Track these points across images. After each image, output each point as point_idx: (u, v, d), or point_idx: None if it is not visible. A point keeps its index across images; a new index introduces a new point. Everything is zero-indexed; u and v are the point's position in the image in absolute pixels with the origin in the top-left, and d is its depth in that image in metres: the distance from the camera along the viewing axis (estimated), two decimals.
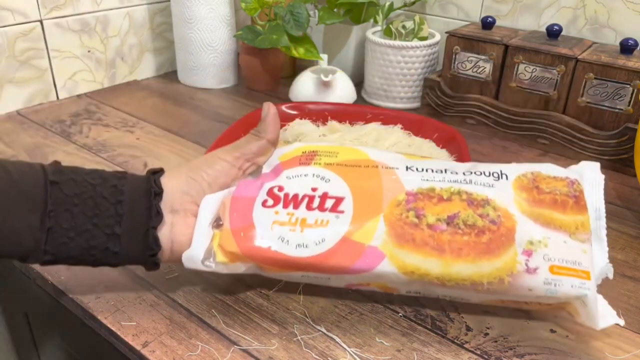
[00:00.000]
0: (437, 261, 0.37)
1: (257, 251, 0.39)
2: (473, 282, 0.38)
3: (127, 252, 0.38)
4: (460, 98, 0.79)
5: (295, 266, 0.39)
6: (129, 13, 0.90)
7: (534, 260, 0.37)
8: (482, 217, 0.38)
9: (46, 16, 0.80)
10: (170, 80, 0.96)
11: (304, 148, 0.44)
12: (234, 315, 0.43)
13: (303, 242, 0.38)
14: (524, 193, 0.39)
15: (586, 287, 0.37)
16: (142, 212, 0.38)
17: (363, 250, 0.38)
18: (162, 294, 0.45)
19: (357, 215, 0.39)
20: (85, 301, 0.44)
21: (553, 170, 0.41)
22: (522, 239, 0.38)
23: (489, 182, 0.40)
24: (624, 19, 0.74)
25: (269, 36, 0.82)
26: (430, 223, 0.38)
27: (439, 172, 0.41)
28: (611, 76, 0.67)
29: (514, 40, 0.73)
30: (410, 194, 0.39)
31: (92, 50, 0.86)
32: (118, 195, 0.38)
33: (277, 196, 0.40)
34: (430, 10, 0.91)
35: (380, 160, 0.42)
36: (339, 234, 0.38)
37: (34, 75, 0.81)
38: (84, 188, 0.37)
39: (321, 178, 0.41)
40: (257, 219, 0.39)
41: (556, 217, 0.38)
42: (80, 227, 0.37)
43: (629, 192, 0.64)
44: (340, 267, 0.38)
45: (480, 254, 0.37)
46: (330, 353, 0.40)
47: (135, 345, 0.40)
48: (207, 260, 0.39)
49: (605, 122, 0.69)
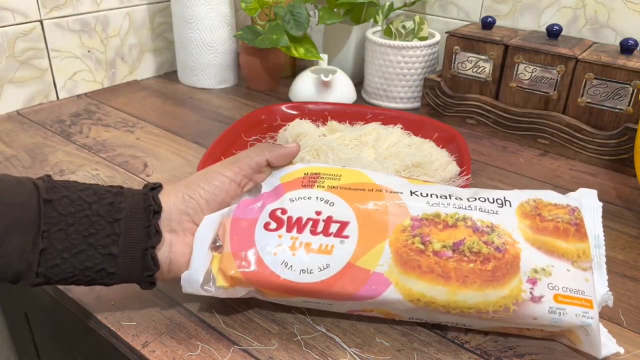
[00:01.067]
0: (443, 289, 0.37)
1: (259, 276, 0.38)
2: (479, 310, 0.37)
3: (124, 272, 0.37)
4: (460, 98, 0.79)
5: (298, 292, 0.38)
6: (129, 13, 0.90)
7: (539, 289, 0.37)
8: (487, 245, 0.38)
9: (46, 16, 0.80)
10: (170, 80, 0.96)
11: (306, 169, 0.43)
12: (234, 315, 0.43)
13: (307, 268, 0.38)
14: (527, 220, 0.39)
15: (589, 316, 0.37)
16: (140, 231, 0.36)
17: (368, 276, 0.37)
18: (162, 294, 0.45)
19: (362, 240, 0.38)
20: (85, 301, 0.44)
21: (554, 197, 0.41)
22: (527, 266, 0.37)
23: (493, 209, 0.40)
24: (624, 19, 0.74)
25: (269, 36, 0.82)
26: (436, 250, 0.37)
27: (444, 197, 0.40)
28: (611, 76, 0.67)
29: (514, 40, 0.73)
30: (415, 219, 0.39)
31: (92, 50, 0.86)
32: (115, 214, 0.36)
33: (280, 219, 0.39)
34: (430, 10, 0.91)
35: (384, 184, 0.41)
36: (343, 259, 0.38)
37: (34, 75, 0.81)
38: (79, 206, 0.36)
39: (325, 201, 0.40)
40: (260, 242, 0.39)
41: (559, 245, 0.38)
42: (74, 247, 0.35)
43: (629, 192, 0.64)
44: (345, 294, 0.38)
45: (487, 282, 0.37)
46: (330, 353, 0.40)
47: (135, 345, 0.40)
48: (206, 284, 0.39)
49: (605, 122, 0.69)
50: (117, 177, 0.63)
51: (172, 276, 0.39)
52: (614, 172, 0.69)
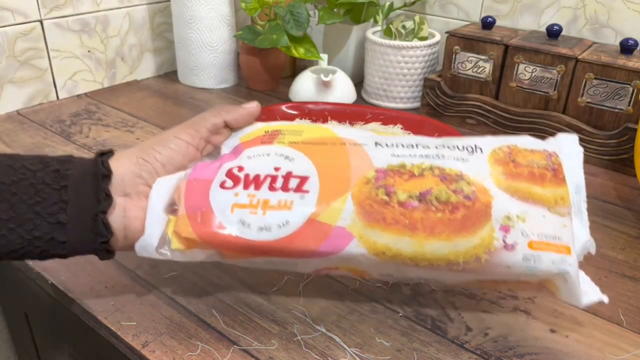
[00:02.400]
0: (409, 240, 0.35)
1: (215, 236, 0.36)
2: (448, 261, 0.36)
3: (76, 241, 0.36)
4: (460, 98, 0.79)
5: (258, 251, 0.37)
6: (129, 13, 0.90)
7: (512, 236, 0.35)
8: (456, 193, 0.36)
9: (46, 16, 0.80)
10: (170, 80, 0.96)
11: (266, 127, 0.41)
12: (234, 315, 0.43)
13: (265, 225, 0.36)
14: (499, 167, 0.37)
15: (567, 263, 0.35)
16: (89, 197, 0.35)
17: (330, 231, 0.36)
18: (162, 294, 0.45)
19: (323, 194, 0.36)
20: (85, 301, 0.44)
21: (530, 143, 0.39)
22: (499, 214, 0.36)
23: (462, 157, 0.38)
24: (624, 19, 0.74)
25: (269, 36, 0.82)
26: (401, 200, 0.36)
27: (410, 147, 0.39)
28: (611, 76, 0.67)
29: (514, 40, 0.73)
30: (379, 170, 0.37)
31: (92, 50, 0.86)
32: (62, 181, 0.35)
33: (236, 177, 0.38)
34: (430, 10, 0.91)
35: (348, 137, 0.39)
36: (304, 215, 0.36)
37: (34, 75, 0.81)
38: (22, 175, 0.34)
39: (285, 157, 0.38)
40: (215, 201, 0.37)
41: (534, 191, 0.37)
42: (21, 217, 0.34)
43: (629, 192, 0.64)
44: (307, 251, 0.36)
45: (455, 232, 0.35)
46: (331, 353, 0.40)
47: (135, 345, 0.40)
48: (161, 247, 0.37)
49: (605, 122, 0.69)
50: None
51: (129, 243, 0.37)
52: (614, 172, 0.69)
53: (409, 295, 0.46)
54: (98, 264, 0.48)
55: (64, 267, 0.48)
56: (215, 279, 0.47)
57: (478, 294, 0.46)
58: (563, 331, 0.43)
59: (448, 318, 0.44)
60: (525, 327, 0.43)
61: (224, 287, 0.46)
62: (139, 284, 0.46)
